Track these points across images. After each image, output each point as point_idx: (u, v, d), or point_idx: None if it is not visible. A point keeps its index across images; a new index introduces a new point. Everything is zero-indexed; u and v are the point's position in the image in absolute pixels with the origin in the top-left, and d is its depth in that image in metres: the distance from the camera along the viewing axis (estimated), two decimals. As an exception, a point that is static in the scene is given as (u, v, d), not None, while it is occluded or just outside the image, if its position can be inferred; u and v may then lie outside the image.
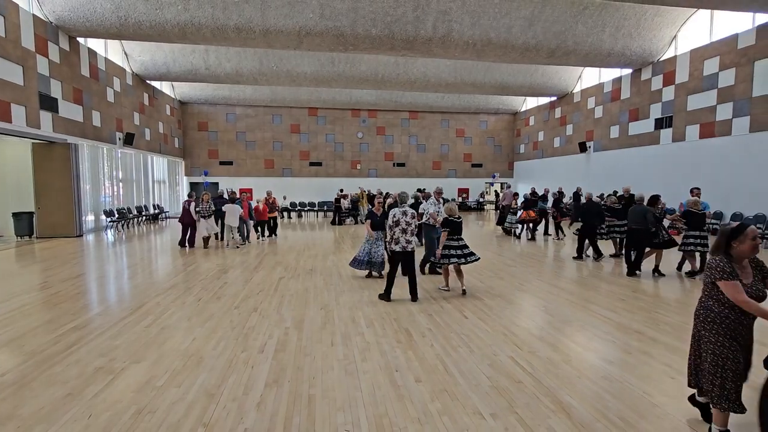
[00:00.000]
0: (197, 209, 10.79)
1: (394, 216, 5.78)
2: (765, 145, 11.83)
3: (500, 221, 14.52)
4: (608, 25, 14.18)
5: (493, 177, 26.77)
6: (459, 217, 6.37)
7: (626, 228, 8.05)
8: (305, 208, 23.32)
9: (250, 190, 22.92)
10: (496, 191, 27.25)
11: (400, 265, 6.08)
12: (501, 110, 26.05)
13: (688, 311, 5.51)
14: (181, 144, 22.89)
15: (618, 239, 9.55)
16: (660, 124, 15.55)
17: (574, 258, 9.38)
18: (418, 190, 15.17)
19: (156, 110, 19.76)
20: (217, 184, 22.96)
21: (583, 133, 19.92)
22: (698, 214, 7.32)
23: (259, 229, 12.46)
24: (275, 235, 13.20)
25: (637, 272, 7.66)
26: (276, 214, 13.27)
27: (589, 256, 9.45)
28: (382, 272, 7.35)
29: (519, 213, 12.70)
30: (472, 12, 12.99)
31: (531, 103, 24.85)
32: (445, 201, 8.15)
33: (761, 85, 11.96)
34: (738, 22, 12.65)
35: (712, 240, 6.85)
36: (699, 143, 13.94)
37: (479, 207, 26.27)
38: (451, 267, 6.45)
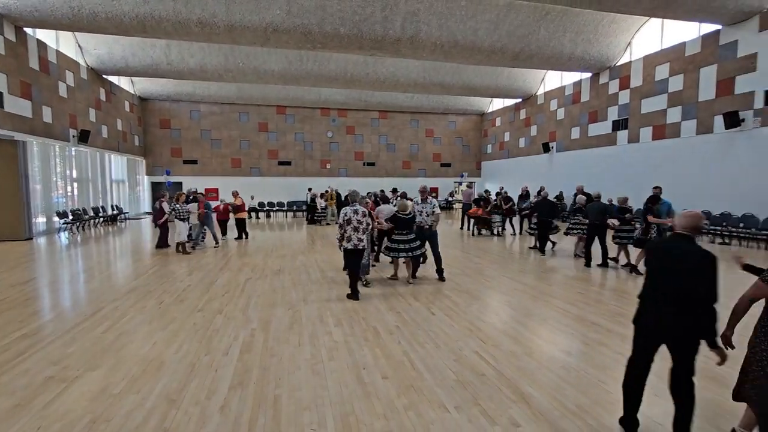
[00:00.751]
0: (171, 210, 10.26)
1: (345, 214, 5.90)
2: (709, 146, 12.66)
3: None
4: (569, 31, 14.74)
5: (462, 176, 27.26)
6: (409, 214, 6.80)
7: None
8: (274, 208, 22.92)
9: (216, 190, 22.31)
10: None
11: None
12: (469, 111, 26.56)
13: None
14: (141, 142, 21.94)
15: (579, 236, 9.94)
16: (617, 126, 16.33)
17: (531, 249, 9.86)
18: (393, 190, 15.26)
19: (114, 106, 18.84)
20: (180, 183, 22.18)
21: (546, 134, 20.62)
22: (627, 211, 8.13)
23: (220, 229, 12.14)
24: (245, 236, 12.87)
25: (610, 263, 8.36)
26: (244, 214, 12.88)
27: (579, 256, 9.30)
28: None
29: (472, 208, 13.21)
30: (439, 14, 13.18)
31: (497, 104, 25.48)
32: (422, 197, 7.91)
33: (706, 90, 12.80)
34: (686, 31, 13.48)
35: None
36: (652, 144, 14.74)
37: (448, 206, 26.69)
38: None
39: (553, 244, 10.66)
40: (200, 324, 4.95)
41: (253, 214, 21.45)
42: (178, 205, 10.17)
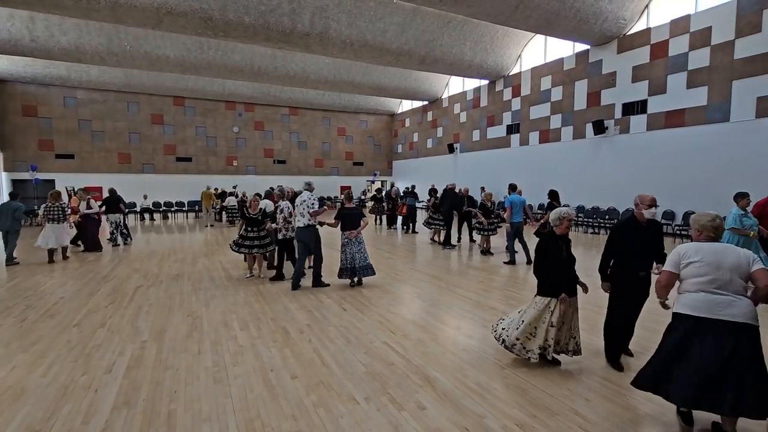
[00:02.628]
0: (44, 212, 8.70)
1: (288, 208, 6.63)
2: (582, 150, 14.65)
3: (391, 221, 15.06)
4: (468, 40, 15.87)
5: (374, 175, 27.76)
6: (255, 214, 6.95)
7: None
8: (172, 209, 20.90)
9: (99, 189, 19.59)
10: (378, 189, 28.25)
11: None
12: (380, 111, 27.14)
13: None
14: (-3, 131, 18.36)
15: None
16: (510, 129, 18.04)
17: (435, 243, 10.61)
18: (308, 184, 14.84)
19: (-44, 87, 15.46)
20: (53, 181, 19.05)
21: (451, 136, 21.97)
22: (487, 207, 9.42)
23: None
24: (128, 239, 11.48)
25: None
26: (116, 215, 11.35)
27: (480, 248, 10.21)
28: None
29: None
30: (348, 12, 13.22)
31: (406, 105, 26.44)
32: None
33: (579, 101, 14.77)
34: (564, 48, 15.39)
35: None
36: (539, 147, 16.58)
37: (361, 204, 26.97)
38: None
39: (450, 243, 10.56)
40: (76, 341, 4.29)
41: (147, 216, 19.33)
42: (58, 204, 8.82)
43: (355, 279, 6.45)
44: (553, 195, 8.71)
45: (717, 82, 10.90)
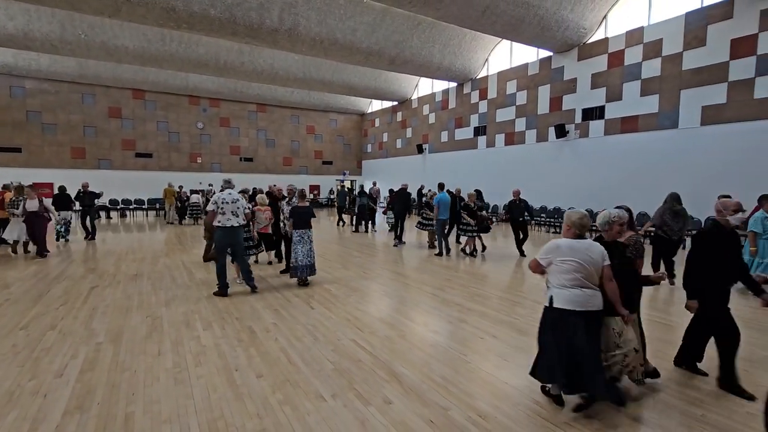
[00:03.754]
0: (8, 205, 8.62)
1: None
2: (545, 152, 15.21)
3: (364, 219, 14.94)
4: (437, 42, 16.11)
5: (344, 174, 27.63)
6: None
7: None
8: (131, 207, 19.96)
9: (50, 186, 18.41)
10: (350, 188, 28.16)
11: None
12: (349, 110, 27.04)
13: (492, 284, 6.73)
14: (-68, 121, 16.88)
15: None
16: (477, 131, 18.45)
17: (394, 245, 10.67)
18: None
19: None
20: (-3, 176, 17.70)
21: (420, 136, 22.21)
22: (471, 207, 9.36)
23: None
24: (63, 240, 10.94)
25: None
26: (67, 212, 10.81)
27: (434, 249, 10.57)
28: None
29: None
30: (318, 9, 13.09)
31: (376, 105, 26.49)
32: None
33: (542, 105, 15.33)
34: (528, 54, 15.91)
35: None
36: (504, 149, 17.06)
37: (330, 203, 26.78)
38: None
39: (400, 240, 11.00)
40: (22, 345, 4.03)
41: (103, 214, 18.36)
42: (22, 198, 8.68)
43: (304, 278, 6.31)
44: (478, 195, 9.50)
45: (667, 90, 11.62)
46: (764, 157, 9.68)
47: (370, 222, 13.93)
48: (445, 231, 9.74)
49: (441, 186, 9.92)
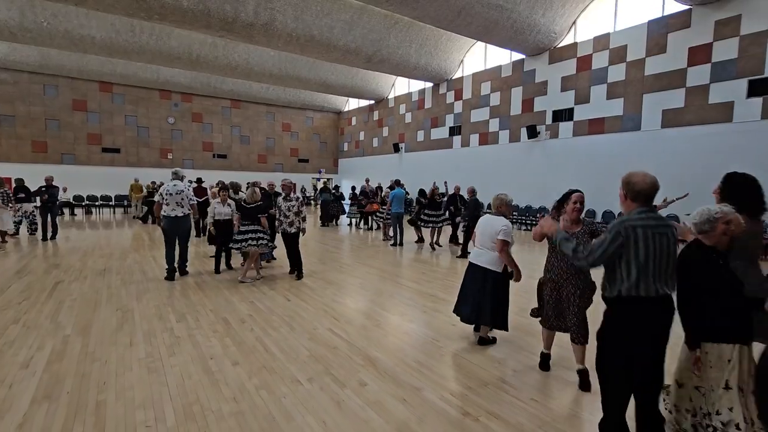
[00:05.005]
0: None
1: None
2: (518, 152, 15.65)
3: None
4: (414, 42, 16.30)
5: (320, 172, 27.50)
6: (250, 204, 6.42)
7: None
8: (97, 203, 19.21)
9: (9, 180, 17.46)
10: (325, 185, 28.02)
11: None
12: (326, 108, 26.93)
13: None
14: None
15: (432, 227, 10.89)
16: (453, 131, 18.78)
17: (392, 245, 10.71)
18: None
19: None
20: (-52, 170, 16.67)
21: (396, 135, 22.38)
22: (436, 201, 10.05)
23: None
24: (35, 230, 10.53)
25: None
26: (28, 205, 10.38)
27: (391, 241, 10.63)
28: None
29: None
30: (294, 5, 13.01)
31: (353, 104, 26.49)
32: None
33: (515, 106, 15.77)
34: (502, 56, 16.33)
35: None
36: (478, 149, 17.44)
37: (306, 201, 26.59)
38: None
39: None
40: (-16, 337, 3.88)
41: (67, 210, 17.60)
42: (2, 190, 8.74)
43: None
44: (421, 194, 10.50)
45: (631, 94, 12.20)
46: (718, 158, 10.32)
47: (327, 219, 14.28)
48: (420, 224, 10.50)
49: (397, 182, 10.83)
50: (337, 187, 16.05)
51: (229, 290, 5.75)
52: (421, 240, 10.68)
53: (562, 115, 14.10)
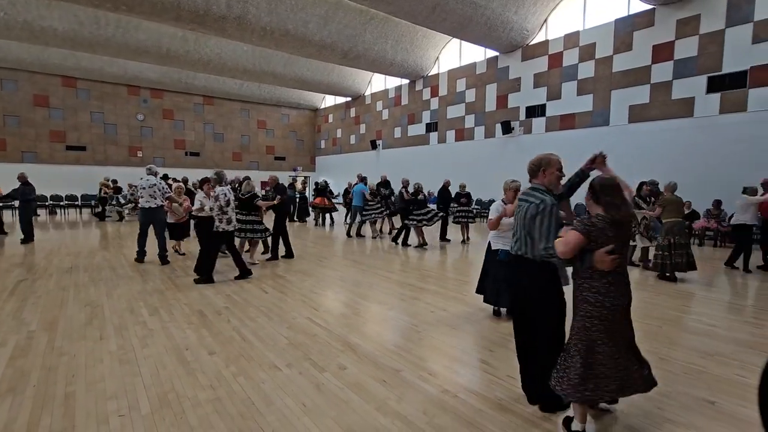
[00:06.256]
0: None
1: (225, 195, 5.71)
2: (492, 148, 15.94)
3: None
4: (390, 38, 16.33)
5: (296, 170, 27.19)
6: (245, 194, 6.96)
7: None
8: (62, 203, 18.39)
9: (-36, 180, 16.51)
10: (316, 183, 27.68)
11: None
12: (302, 105, 26.64)
13: (446, 267, 7.01)
14: None
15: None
16: (429, 128, 18.94)
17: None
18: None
19: None
20: None
21: (374, 132, 22.38)
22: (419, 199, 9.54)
23: None
24: None
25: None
26: None
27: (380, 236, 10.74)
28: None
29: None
30: (268, -2, 12.82)
31: (330, 101, 26.31)
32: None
33: (490, 103, 16.04)
34: (477, 53, 16.57)
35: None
36: (455, 145, 17.66)
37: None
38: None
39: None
40: (-61, 336, 3.67)
41: (30, 211, 16.74)
42: None
43: None
44: (385, 184, 11.04)
45: (600, 91, 12.62)
46: (680, 150, 10.82)
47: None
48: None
49: (360, 178, 11.20)
50: (326, 183, 15.81)
51: (203, 284, 5.62)
52: (423, 243, 9.28)
53: (535, 111, 14.45)
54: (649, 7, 11.35)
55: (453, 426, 2.37)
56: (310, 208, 15.32)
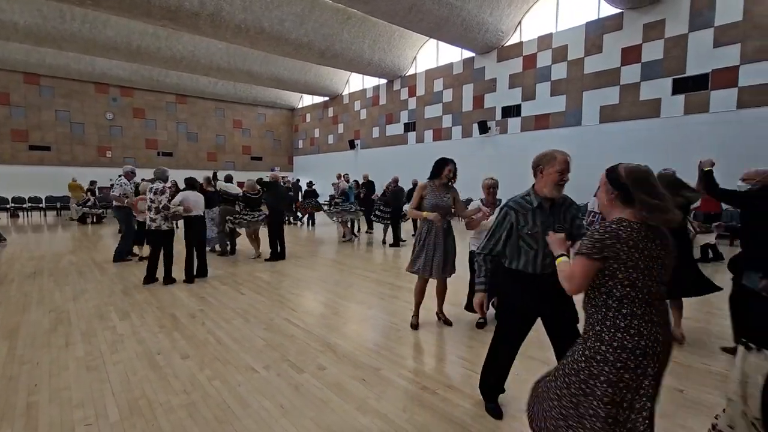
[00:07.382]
0: None
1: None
2: (470, 147, 16.13)
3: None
4: (367, 38, 16.30)
5: (273, 170, 26.75)
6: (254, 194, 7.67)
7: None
8: (24, 206, 17.53)
9: None
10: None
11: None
12: (279, 105, 26.28)
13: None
14: None
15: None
16: (407, 128, 19.00)
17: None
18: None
19: None
20: None
21: (352, 132, 22.29)
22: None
23: None
24: None
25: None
26: None
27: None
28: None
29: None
30: (243, -5, 12.58)
31: (307, 100, 26.05)
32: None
33: (466, 103, 16.24)
34: (453, 54, 16.74)
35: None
36: (432, 144, 17.78)
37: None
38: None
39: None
40: None
41: (-11, 214, 15.92)
42: None
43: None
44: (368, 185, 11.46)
45: (572, 92, 12.95)
46: (649, 150, 11.23)
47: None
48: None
49: (338, 176, 11.82)
50: (311, 183, 15.68)
51: (175, 287, 5.47)
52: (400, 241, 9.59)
53: (511, 111, 14.70)
54: (617, 11, 11.73)
55: (433, 422, 2.37)
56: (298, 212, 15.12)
